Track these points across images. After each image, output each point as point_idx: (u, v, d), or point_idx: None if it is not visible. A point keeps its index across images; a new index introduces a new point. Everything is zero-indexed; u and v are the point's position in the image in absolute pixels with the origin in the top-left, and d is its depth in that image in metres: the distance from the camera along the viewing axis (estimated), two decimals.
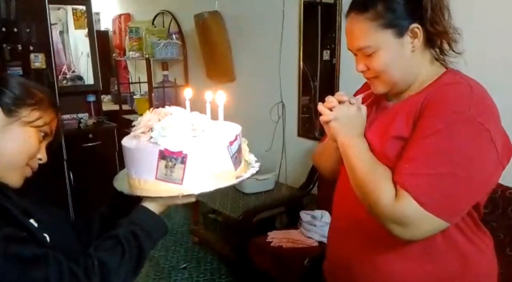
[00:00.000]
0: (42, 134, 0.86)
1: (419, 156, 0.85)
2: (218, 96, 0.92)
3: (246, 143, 0.97)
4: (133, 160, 0.86)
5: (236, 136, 0.88)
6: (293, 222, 2.35)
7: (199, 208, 3.02)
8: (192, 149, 0.82)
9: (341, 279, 1.08)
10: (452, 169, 0.83)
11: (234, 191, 2.73)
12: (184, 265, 2.80)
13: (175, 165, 0.81)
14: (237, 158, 0.89)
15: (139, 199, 0.87)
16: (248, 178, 0.90)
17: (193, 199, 0.86)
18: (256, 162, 0.97)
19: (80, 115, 3.52)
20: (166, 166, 0.81)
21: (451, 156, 0.83)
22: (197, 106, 0.97)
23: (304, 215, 2.23)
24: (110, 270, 0.76)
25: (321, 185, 2.46)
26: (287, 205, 2.57)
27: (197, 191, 0.83)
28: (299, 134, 2.79)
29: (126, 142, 0.88)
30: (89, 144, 3.40)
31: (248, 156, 0.96)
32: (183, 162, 0.81)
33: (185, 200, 0.86)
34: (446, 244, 0.92)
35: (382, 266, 0.96)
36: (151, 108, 0.92)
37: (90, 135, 3.43)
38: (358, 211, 0.95)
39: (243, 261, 2.31)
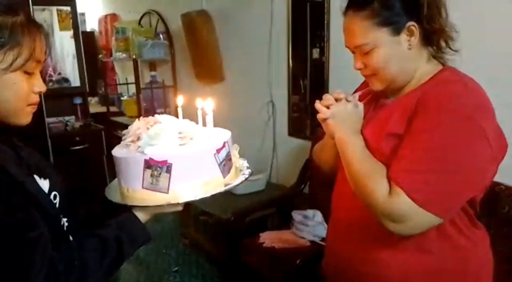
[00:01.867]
0: (30, 70, 0.76)
1: (413, 153, 0.86)
2: (206, 103, 0.93)
3: (237, 149, 0.96)
4: (121, 169, 0.87)
5: (224, 143, 0.88)
6: (285, 222, 2.33)
7: (190, 210, 2.99)
8: (178, 157, 0.82)
9: (341, 275, 1.08)
10: (446, 166, 0.84)
11: (225, 192, 2.69)
12: (175, 268, 2.77)
13: (160, 174, 0.82)
14: (225, 165, 0.88)
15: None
16: (237, 185, 0.90)
17: (179, 208, 0.87)
18: (247, 168, 0.96)
19: (66, 118, 3.47)
20: (151, 175, 0.82)
21: (444, 153, 0.84)
22: (188, 111, 0.97)
23: (296, 215, 2.21)
24: (88, 271, 0.77)
25: (313, 184, 2.45)
26: (278, 205, 2.55)
27: (183, 199, 0.83)
28: (290, 134, 2.77)
29: (115, 151, 0.89)
30: (76, 147, 3.36)
31: (239, 162, 0.96)
32: (168, 171, 0.81)
33: (171, 209, 0.87)
34: (441, 238, 0.93)
35: (381, 261, 0.97)
36: (141, 117, 0.92)
37: (77, 138, 3.39)
38: (357, 208, 0.95)
39: (235, 263, 2.29)
